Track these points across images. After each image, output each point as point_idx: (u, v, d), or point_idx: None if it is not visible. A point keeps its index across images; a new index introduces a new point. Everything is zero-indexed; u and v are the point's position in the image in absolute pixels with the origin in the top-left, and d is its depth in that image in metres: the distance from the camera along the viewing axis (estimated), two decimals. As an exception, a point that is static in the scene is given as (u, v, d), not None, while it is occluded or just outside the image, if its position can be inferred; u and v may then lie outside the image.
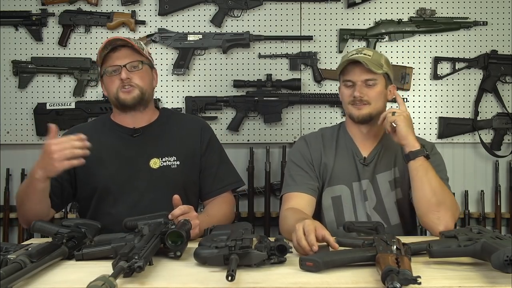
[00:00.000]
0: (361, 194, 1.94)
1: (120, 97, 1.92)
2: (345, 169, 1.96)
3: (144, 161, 1.94)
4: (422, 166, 1.77)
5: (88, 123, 2.17)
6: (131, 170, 1.93)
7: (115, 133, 1.99)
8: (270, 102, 2.96)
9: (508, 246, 1.22)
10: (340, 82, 1.98)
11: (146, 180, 1.93)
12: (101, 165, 1.93)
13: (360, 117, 1.91)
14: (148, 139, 1.97)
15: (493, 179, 3.02)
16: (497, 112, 3.01)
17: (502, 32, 3.00)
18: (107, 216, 1.89)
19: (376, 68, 1.88)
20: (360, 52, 1.93)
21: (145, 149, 1.96)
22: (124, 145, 1.97)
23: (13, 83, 3.00)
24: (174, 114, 2.14)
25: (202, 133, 2.04)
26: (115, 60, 1.91)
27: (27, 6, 2.99)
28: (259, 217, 2.97)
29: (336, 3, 3.01)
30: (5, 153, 3.00)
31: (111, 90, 1.93)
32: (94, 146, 1.94)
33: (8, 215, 2.94)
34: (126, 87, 1.91)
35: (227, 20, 3.01)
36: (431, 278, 1.27)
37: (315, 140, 2.02)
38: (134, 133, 1.98)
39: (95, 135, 1.98)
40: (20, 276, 1.18)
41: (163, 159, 1.95)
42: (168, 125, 2.03)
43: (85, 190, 1.97)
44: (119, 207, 1.91)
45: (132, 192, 1.92)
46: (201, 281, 1.27)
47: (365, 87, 1.90)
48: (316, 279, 1.27)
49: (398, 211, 1.95)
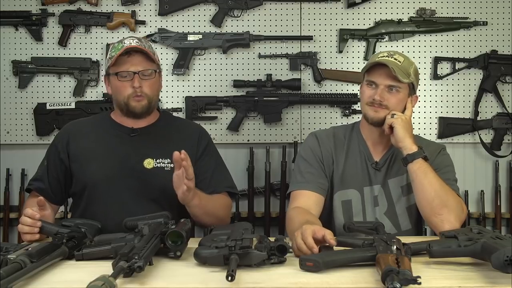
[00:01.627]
0: (371, 199, 1.92)
1: (130, 104, 1.92)
2: (356, 173, 1.94)
3: (138, 161, 1.94)
4: (420, 169, 1.76)
5: (86, 118, 2.18)
6: (124, 168, 1.93)
7: (113, 131, 2.00)
8: (270, 102, 2.96)
9: (508, 246, 1.22)
10: (363, 80, 1.93)
11: (138, 179, 1.92)
12: (93, 161, 1.94)
13: (375, 119, 1.87)
14: (144, 139, 1.98)
15: (493, 179, 3.02)
16: (497, 112, 3.01)
17: (502, 32, 3.00)
18: (97, 214, 1.87)
19: (402, 77, 1.83)
20: (392, 55, 1.87)
21: (140, 149, 1.96)
22: (120, 143, 1.97)
23: (13, 83, 3.00)
24: (174, 118, 2.14)
25: (200, 139, 2.04)
26: (129, 66, 1.90)
27: (27, 6, 2.98)
28: (259, 217, 2.97)
29: (336, 3, 3.00)
30: (5, 153, 2.99)
31: (122, 94, 1.93)
32: (90, 141, 1.97)
33: (8, 215, 2.94)
34: (137, 96, 1.91)
35: (227, 20, 3.01)
36: (431, 278, 1.27)
37: (326, 139, 1.99)
38: (131, 132, 1.98)
39: (92, 131, 2.01)
40: (20, 276, 1.19)
41: (157, 160, 1.94)
42: (166, 128, 2.03)
43: (77, 185, 1.97)
44: (108, 206, 1.90)
45: (122, 191, 1.91)
46: (201, 281, 1.27)
47: (387, 92, 1.86)
48: (316, 279, 1.27)
49: (409, 217, 1.93)
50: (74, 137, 1.99)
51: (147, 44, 1.97)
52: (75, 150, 1.97)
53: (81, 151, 1.96)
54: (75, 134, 2.00)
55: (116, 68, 1.92)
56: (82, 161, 1.95)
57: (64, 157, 1.97)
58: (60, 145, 1.99)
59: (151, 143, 1.97)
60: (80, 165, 1.95)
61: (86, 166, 1.94)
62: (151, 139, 1.98)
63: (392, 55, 1.88)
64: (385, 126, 1.84)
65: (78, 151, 1.96)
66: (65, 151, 1.97)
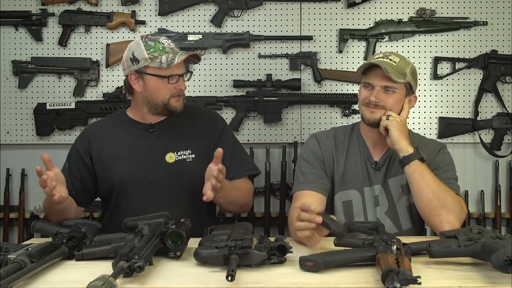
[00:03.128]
0: (372, 199, 1.93)
1: (171, 104, 1.95)
2: (356, 174, 1.94)
3: (159, 156, 1.97)
4: (417, 171, 1.76)
5: (104, 119, 2.20)
6: (147, 165, 1.96)
7: (131, 129, 2.02)
8: (270, 102, 2.96)
9: (508, 246, 1.22)
10: (361, 81, 1.93)
11: (162, 174, 1.96)
12: (118, 161, 1.97)
13: (371, 120, 1.88)
14: (163, 134, 2.00)
15: (493, 179, 3.02)
16: (497, 112, 3.01)
17: (502, 32, 3.00)
18: (127, 210, 1.92)
19: (397, 77, 1.83)
20: (387, 56, 1.88)
21: (160, 144, 1.99)
22: (140, 141, 1.99)
23: (13, 83, 3.00)
24: (188, 108, 2.14)
25: (215, 125, 2.07)
26: (175, 69, 1.93)
27: (27, 6, 2.99)
28: (259, 217, 2.97)
29: (336, 3, 3.00)
30: (5, 153, 3.00)
31: (162, 95, 1.94)
32: (110, 142, 2.01)
33: (8, 215, 2.94)
34: (177, 96, 1.95)
35: (227, 20, 3.01)
36: (431, 278, 1.27)
37: (327, 140, 1.99)
38: (150, 128, 2.00)
39: (112, 131, 2.04)
40: (20, 276, 1.19)
41: (178, 153, 1.98)
42: (182, 119, 2.04)
43: (104, 186, 2.00)
44: (137, 201, 1.94)
45: (149, 186, 1.95)
46: (201, 281, 1.27)
47: (384, 93, 1.86)
48: (316, 279, 1.27)
49: (410, 216, 1.93)
50: (95, 139, 2.02)
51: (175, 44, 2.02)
52: (97, 152, 2.00)
53: (104, 152, 1.99)
54: (96, 136, 2.03)
55: (165, 71, 1.91)
56: (106, 162, 1.98)
57: (87, 160, 2.00)
58: (81, 148, 2.01)
59: (170, 136, 2.00)
60: (104, 166, 1.98)
61: (111, 166, 1.97)
62: (169, 132, 2.01)
63: (387, 56, 1.89)
64: (381, 128, 1.85)
65: (100, 153, 1.99)
66: (87, 155, 2.00)
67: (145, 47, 1.93)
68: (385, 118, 1.84)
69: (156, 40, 1.95)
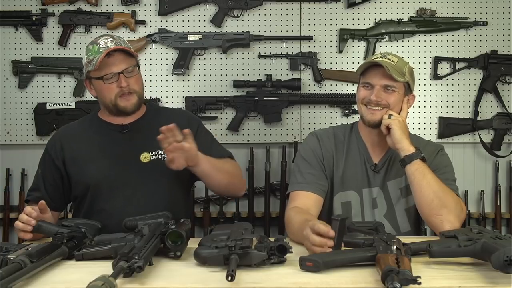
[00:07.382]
0: (370, 201, 1.92)
1: (119, 104, 1.91)
2: (355, 175, 1.93)
3: (134, 156, 1.94)
4: (418, 170, 1.76)
5: (75, 122, 2.15)
6: (121, 166, 1.93)
7: (103, 131, 1.99)
8: (270, 102, 2.96)
9: (508, 246, 1.22)
10: (359, 82, 1.94)
11: (137, 174, 1.93)
12: (91, 163, 1.94)
13: (372, 121, 1.87)
14: (137, 134, 1.98)
15: (493, 179, 3.02)
16: (497, 112, 3.01)
17: (502, 32, 3.00)
18: (102, 212, 1.90)
19: (397, 75, 1.83)
20: (385, 56, 1.88)
21: (134, 144, 1.96)
22: (113, 142, 1.97)
23: (13, 83, 3.00)
24: (161, 108, 2.13)
25: (189, 124, 1.99)
26: (112, 67, 1.88)
27: (27, 6, 2.99)
28: (259, 217, 2.97)
29: (336, 3, 3.00)
30: (5, 153, 3.00)
31: (108, 96, 1.91)
32: (83, 144, 1.97)
33: (8, 215, 2.94)
34: (125, 95, 1.90)
35: (227, 20, 3.01)
36: (431, 278, 1.27)
37: (327, 139, 1.98)
38: (122, 129, 1.98)
39: (84, 134, 2.00)
40: (20, 276, 1.19)
41: (153, 153, 1.95)
42: (155, 119, 2.01)
43: (78, 188, 1.97)
44: (112, 203, 1.91)
45: (124, 187, 1.92)
46: (201, 281, 1.27)
47: (384, 92, 1.86)
48: (316, 279, 1.27)
49: (408, 218, 1.93)
50: (67, 142, 1.98)
51: (121, 40, 1.95)
52: (70, 154, 1.96)
53: (77, 154, 1.96)
54: (68, 139, 2.00)
55: (98, 72, 1.89)
56: (79, 164, 1.95)
57: (59, 163, 1.96)
58: (53, 152, 1.98)
59: (144, 136, 1.97)
60: (78, 168, 1.95)
61: (84, 168, 1.94)
62: (143, 132, 1.98)
63: (385, 55, 1.89)
64: (382, 127, 1.84)
65: (73, 155, 1.96)
66: (59, 158, 1.96)
67: (86, 52, 1.91)
68: (386, 117, 1.84)
69: (96, 42, 1.91)
